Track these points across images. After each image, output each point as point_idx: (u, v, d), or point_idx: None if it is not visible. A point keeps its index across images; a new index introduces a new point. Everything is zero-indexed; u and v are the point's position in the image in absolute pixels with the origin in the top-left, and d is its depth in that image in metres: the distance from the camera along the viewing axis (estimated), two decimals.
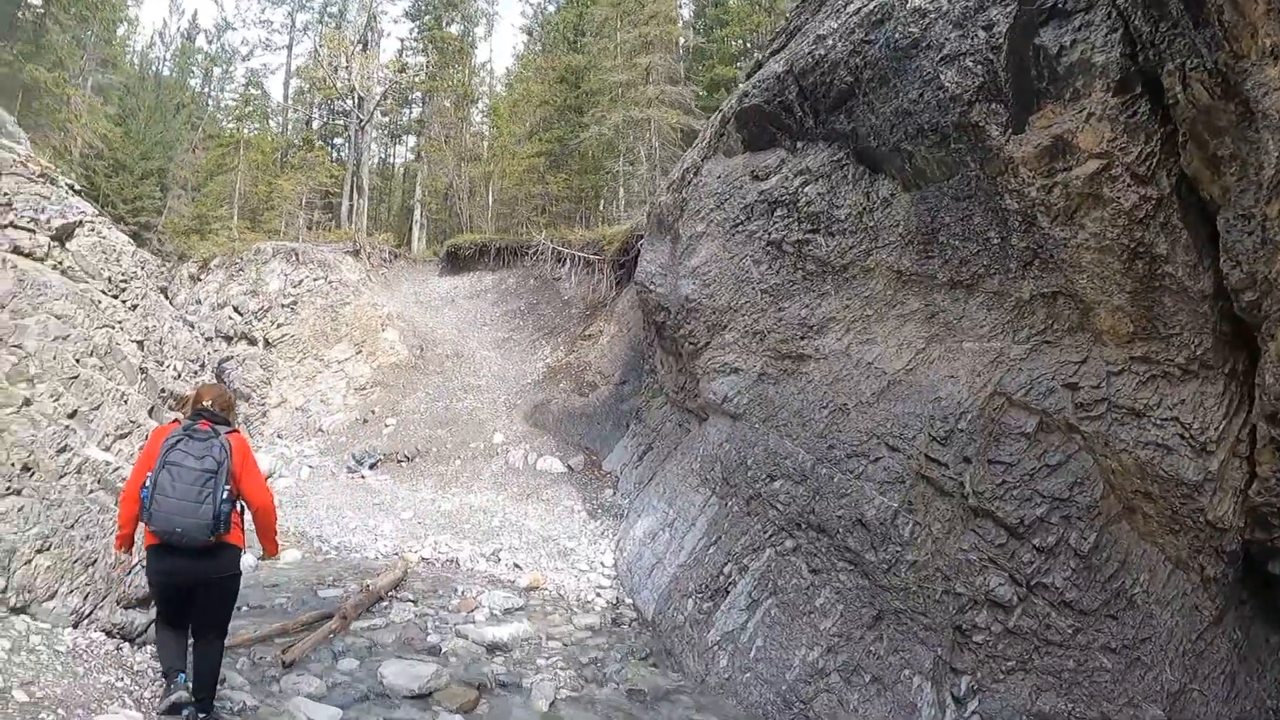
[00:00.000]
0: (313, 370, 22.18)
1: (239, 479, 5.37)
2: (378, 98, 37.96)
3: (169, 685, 5.35)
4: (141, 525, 5.28)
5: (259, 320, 22.72)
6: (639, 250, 20.24)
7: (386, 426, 19.56)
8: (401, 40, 52.38)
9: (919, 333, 8.37)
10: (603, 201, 32.51)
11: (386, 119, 45.41)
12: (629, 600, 10.24)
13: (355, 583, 10.12)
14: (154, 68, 46.53)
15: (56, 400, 6.82)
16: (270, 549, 5.94)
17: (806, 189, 10.06)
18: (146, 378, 8.18)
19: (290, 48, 47.91)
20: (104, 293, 8.12)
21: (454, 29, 43.19)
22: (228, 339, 22.69)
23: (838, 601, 7.75)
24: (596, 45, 32.85)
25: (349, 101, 38.29)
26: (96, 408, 7.19)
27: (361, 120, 36.89)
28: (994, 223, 7.44)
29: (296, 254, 24.69)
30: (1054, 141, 6.52)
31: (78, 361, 7.22)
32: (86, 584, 6.40)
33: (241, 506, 5.47)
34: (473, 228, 35.41)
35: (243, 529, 5.49)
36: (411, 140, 47.80)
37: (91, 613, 6.45)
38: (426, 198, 40.51)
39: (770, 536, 8.71)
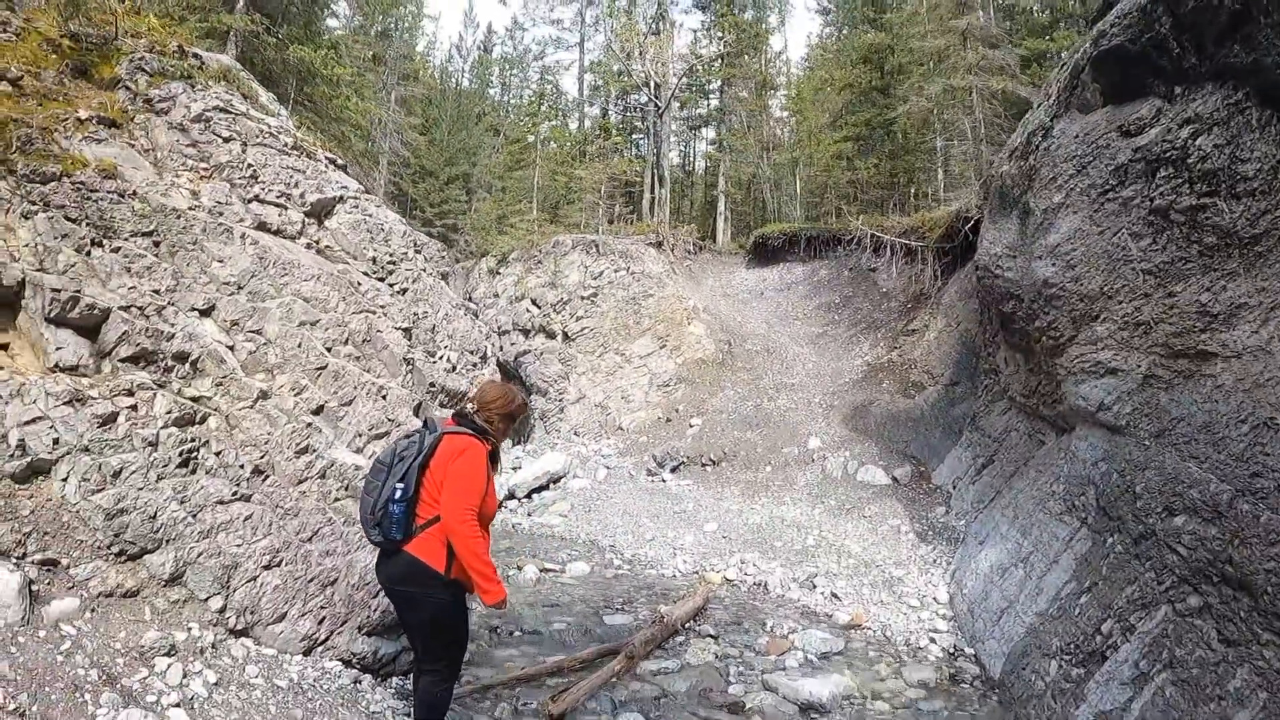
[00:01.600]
0: (613, 365, 21.85)
1: (430, 483, 4.80)
2: (675, 82, 37.46)
3: None
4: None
5: (557, 313, 22.67)
6: (966, 234, 18.45)
7: (691, 427, 18.74)
8: (694, 31, 52.28)
9: None
10: (916, 187, 30.21)
11: (684, 111, 45.22)
12: (969, 650, 8.62)
13: (648, 608, 9.22)
14: (453, 80, 49.11)
15: (299, 394, 6.25)
16: (474, 587, 4.90)
17: (1198, 141, 7.97)
18: (413, 369, 7.59)
19: (582, 44, 48.76)
20: (366, 274, 7.59)
21: (747, 15, 42.17)
22: (525, 332, 22.84)
23: (1260, 687, 5.82)
24: (900, 17, 30.56)
25: (645, 93, 38.16)
26: (348, 403, 6.60)
27: (659, 106, 36.51)
28: None
29: (596, 246, 24.50)
30: None
31: (328, 350, 6.66)
32: (323, 606, 5.84)
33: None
34: (779, 217, 34.32)
35: (445, 545, 4.76)
36: (710, 133, 47.46)
37: (328, 639, 5.87)
38: (730, 189, 39.86)
39: (1167, 590, 6.82)
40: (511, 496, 15.29)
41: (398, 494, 4.68)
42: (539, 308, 23.26)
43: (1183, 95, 8.40)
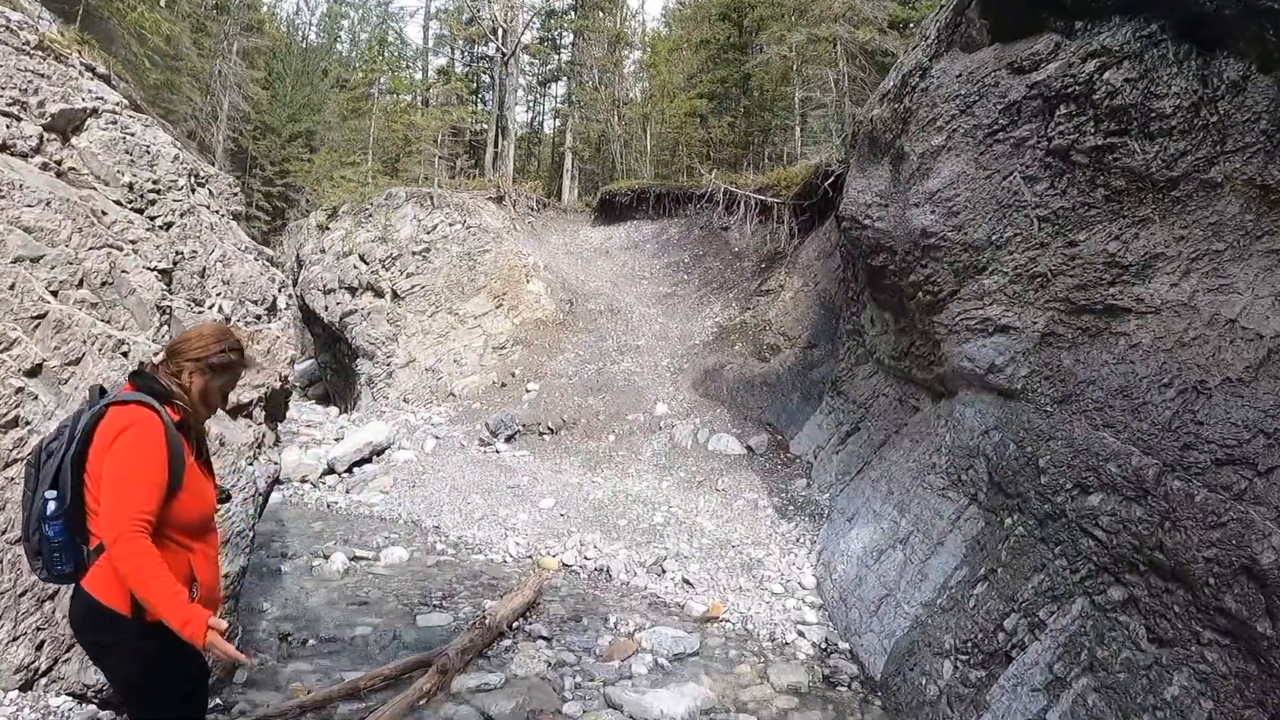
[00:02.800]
0: (445, 326, 20.10)
1: (92, 483, 3.18)
2: (522, 30, 35.61)
3: None
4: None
5: (386, 269, 20.67)
6: (826, 191, 17.59)
7: (528, 392, 17.22)
8: None
9: None
10: (772, 147, 29.37)
11: (533, 66, 43.53)
12: (844, 645, 7.53)
13: (471, 603, 7.82)
14: (300, 33, 46.55)
15: (6, 349, 4.51)
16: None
17: (1105, 76, 7.03)
18: (170, 320, 5.86)
19: None
20: (119, 203, 5.83)
21: None
22: (351, 291, 20.81)
23: (1204, 694, 4.87)
24: None
25: (492, 42, 36.25)
26: (74, 362, 4.95)
27: (505, 54, 34.56)
28: None
29: (431, 198, 22.56)
30: None
31: (53, 294, 4.92)
32: (40, 627, 4.24)
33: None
34: (629, 176, 33.09)
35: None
36: (561, 89, 45.86)
37: (51, 668, 4.31)
38: (578, 145, 38.31)
39: (1083, 580, 5.81)
40: (331, 471, 13.49)
41: (50, 508, 3.16)
42: (367, 264, 21.15)
43: (1085, 30, 7.47)
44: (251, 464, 5.80)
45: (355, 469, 13.52)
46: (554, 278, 21.84)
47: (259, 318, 6.76)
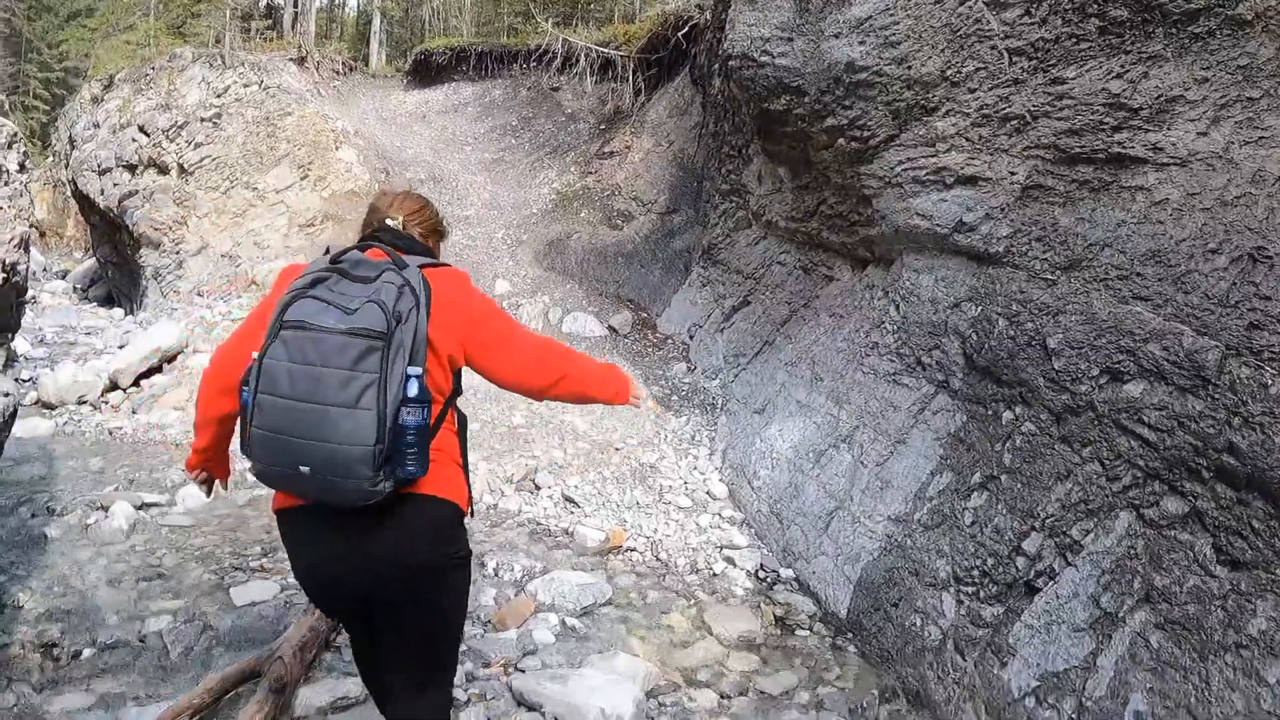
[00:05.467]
0: (243, 204, 17.22)
1: (454, 352, 2.62)
2: None
3: None
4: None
5: (171, 141, 17.45)
6: (679, 42, 15.87)
7: None
8: None
9: None
10: (610, 3, 27.16)
11: None
12: (788, 573, 6.10)
13: None
14: None
15: None
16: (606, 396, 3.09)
17: None
18: None
19: None
20: None
21: None
22: (131, 169, 17.61)
23: None
24: None
25: None
26: None
27: None
28: None
29: (222, 58, 19.44)
30: None
31: None
32: None
33: (461, 419, 2.81)
34: (446, 33, 30.20)
35: (463, 465, 2.75)
36: None
37: None
38: (387, 4, 34.84)
39: (1127, 489, 4.47)
40: (114, 387, 10.76)
41: (414, 389, 2.40)
42: (148, 135, 17.84)
43: None
44: None
45: (143, 381, 10.91)
46: (366, 145, 19.25)
47: None
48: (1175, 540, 4.17)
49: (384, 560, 2.58)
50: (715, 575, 6.05)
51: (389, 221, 2.88)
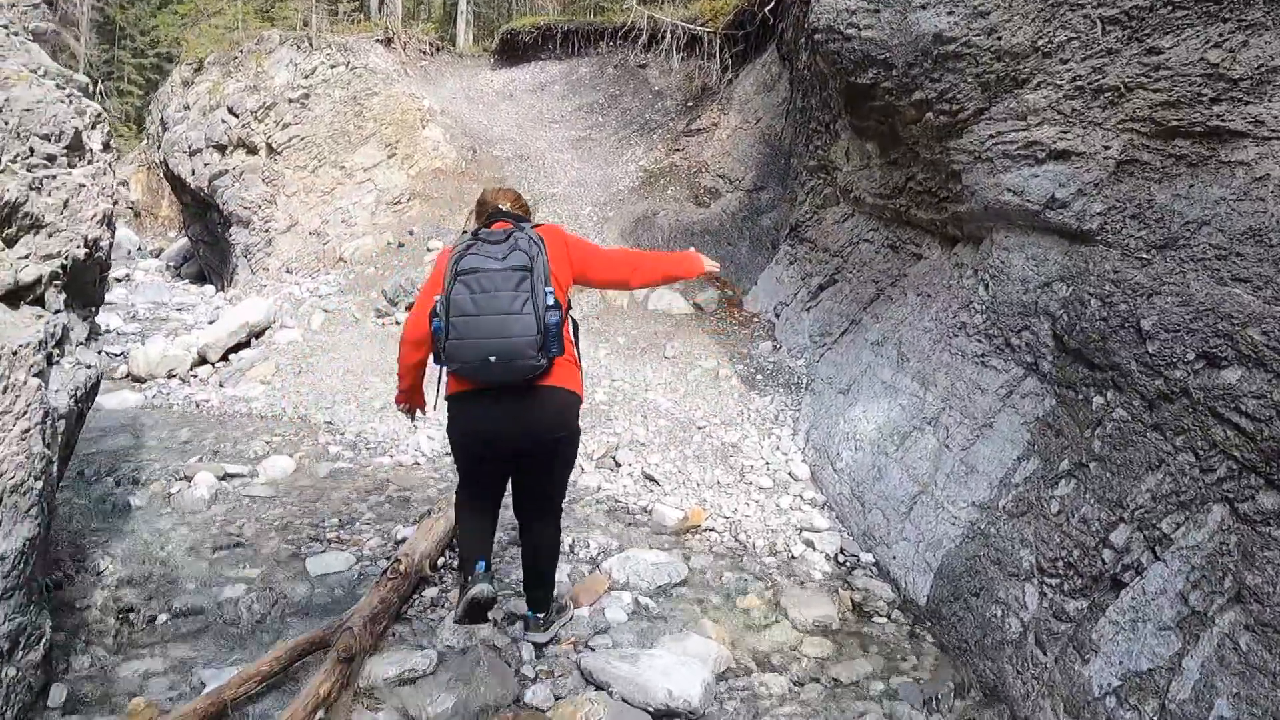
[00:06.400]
0: (330, 182, 17.51)
1: (572, 274, 4.16)
2: None
3: (466, 577, 4.20)
4: (441, 374, 4.09)
5: (259, 121, 17.79)
6: (765, 17, 15.61)
7: (429, 252, 15.01)
8: None
9: None
10: None
11: None
12: (868, 558, 6.01)
13: (379, 530, 6.01)
14: None
15: None
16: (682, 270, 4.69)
17: None
18: None
19: None
20: None
21: None
22: (220, 149, 18.00)
23: None
24: None
25: None
26: None
27: None
28: None
29: (309, 40, 19.72)
30: None
31: None
32: None
33: (575, 332, 4.26)
34: (532, 12, 30.25)
35: (579, 366, 4.21)
36: None
37: None
38: None
39: (1220, 482, 4.27)
40: (203, 361, 11.24)
41: (550, 300, 3.84)
42: (237, 116, 18.22)
43: None
44: (40, 373, 3.86)
45: (231, 356, 11.30)
46: (453, 123, 19.45)
47: (51, 159, 4.66)
48: (1270, 537, 3.99)
49: (531, 426, 3.98)
50: (794, 558, 5.98)
51: (501, 206, 4.24)
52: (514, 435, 3.98)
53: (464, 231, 4.12)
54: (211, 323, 12.74)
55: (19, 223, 4.21)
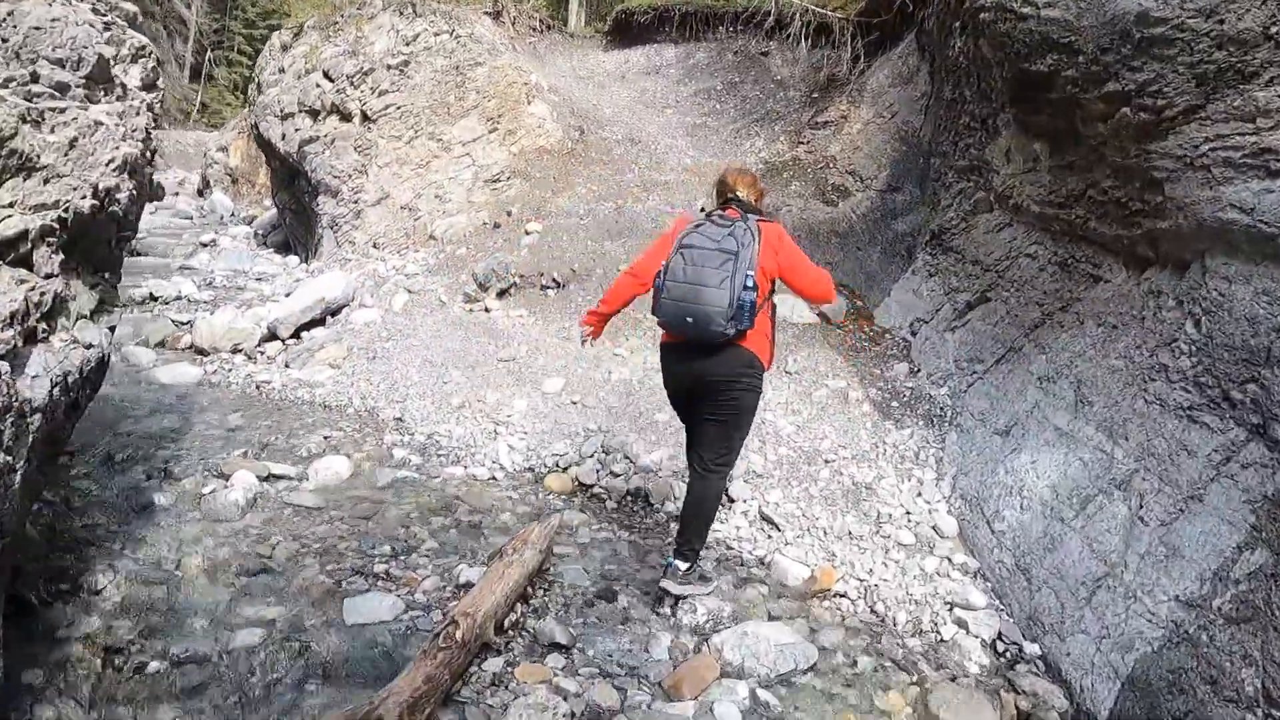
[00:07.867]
0: (426, 155, 16.69)
1: (776, 271, 4.88)
2: None
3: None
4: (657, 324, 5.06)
5: (355, 87, 17.03)
6: (904, 5, 14.47)
7: (527, 235, 14.05)
8: None
9: None
10: None
11: None
12: (1033, 648, 4.99)
13: (439, 566, 5.21)
14: None
15: None
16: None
17: None
18: None
19: None
20: None
21: None
22: (313, 114, 17.33)
23: None
24: None
25: None
26: None
27: None
28: None
29: (413, 6, 18.88)
30: None
31: None
32: None
33: (773, 317, 5.13)
34: None
35: (771, 341, 5.06)
36: None
37: None
38: None
39: None
40: (273, 337, 10.47)
41: (749, 283, 4.63)
42: (332, 81, 17.57)
43: None
44: (7, 355, 3.09)
45: (303, 334, 10.54)
46: (561, 100, 18.61)
47: (63, 88, 3.92)
48: None
49: (712, 373, 4.78)
50: (943, 641, 4.99)
51: (738, 192, 5.11)
52: (699, 381, 4.86)
53: (701, 209, 4.77)
54: (288, 295, 12.04)
55: (2, 159, 3.46)
